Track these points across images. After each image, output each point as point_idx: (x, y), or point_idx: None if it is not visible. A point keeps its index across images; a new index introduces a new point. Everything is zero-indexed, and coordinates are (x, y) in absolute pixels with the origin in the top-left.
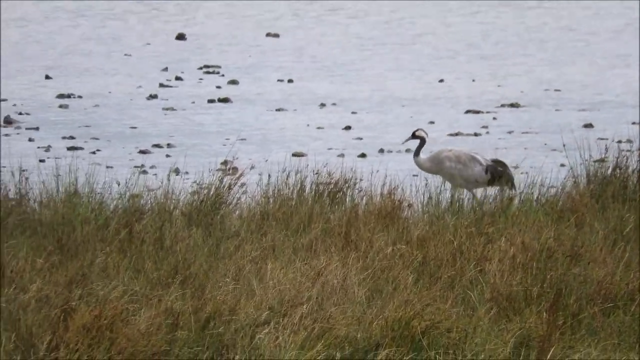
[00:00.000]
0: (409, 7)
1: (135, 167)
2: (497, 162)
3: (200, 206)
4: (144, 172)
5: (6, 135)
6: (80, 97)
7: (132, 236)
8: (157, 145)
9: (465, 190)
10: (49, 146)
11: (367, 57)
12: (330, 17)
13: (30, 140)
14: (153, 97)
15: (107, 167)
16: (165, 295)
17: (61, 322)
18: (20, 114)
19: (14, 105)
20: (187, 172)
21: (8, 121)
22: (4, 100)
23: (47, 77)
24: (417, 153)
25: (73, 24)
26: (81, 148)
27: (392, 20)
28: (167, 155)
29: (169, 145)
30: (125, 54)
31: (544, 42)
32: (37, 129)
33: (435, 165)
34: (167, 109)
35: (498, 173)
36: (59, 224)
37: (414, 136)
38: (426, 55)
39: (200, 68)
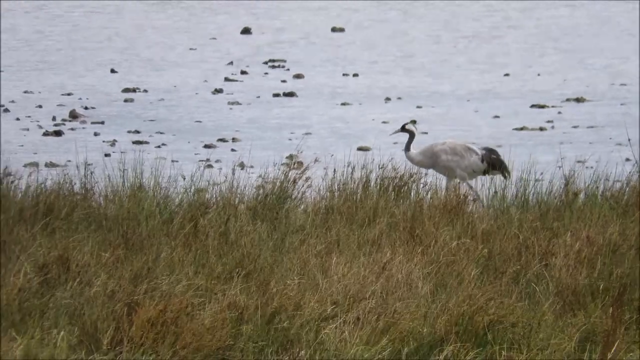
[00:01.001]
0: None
1: (201, 161)
2: (490, 150)
3: (265, 200)
4: (209, 166)
5: (72, 129)
6: (145, 91)
7: (197, 230)
8: (222, 140)
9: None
10: (115, 140)
11: (432, 52)
12: (395, 11)
13: (95, 134)
14: (218, 91)
15: (173, 161)
16: (230, 289)
17: (125, 316)
18: (86, 108)
19: (80, 99)
20: (252, 166)
21: (74, 115)
22: (70, 94)
23: (112, 71)
24: (407, 148)
25: (139, 18)
26: (146, 142)
27: (458, 14)
28: (232, 150)
29: (234, 140)
30: (191, 48)
31: (613, 37)
32: (102, 123)
33: (429, 159)
34: (232, 103)
35: (493, 161)
36: (124, 219)
37: (403, 129)
38: (492, 49)
39: (266, 62)
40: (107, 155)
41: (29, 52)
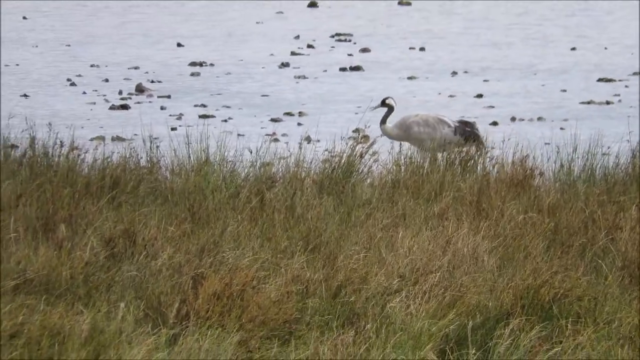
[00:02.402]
0: None
1: (267, 135)
2: (465, 123)
3: (332, 174)
4: (276, 140)
5: (138, 103)
6: (212, 65)
7: (263, 204)
8: (289, 114)
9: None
10: (181, 114)
11: (498, 26)
12: None
13: (162, 108)
14: (285, 65)
15: (239, 135)
16: (296, 263)
17: (191, 290)
18: (152, 82)
19: (146, 73)
20: (318, 140)
21: (140, 89)
22: (136, 68)
23: (178, 44)
24: (383, 121)
25: None
26: (213, 116)
27: None
28: (299, 124)
29: (300, 114)
30: (257, 22)
31: None
32: (168, 97)
33: (403, 132)
34: (298, 77)
35: (467, 133)
36: (191, 192)
37: (383, 104)
38: (557, 23)
39: (332, 36)
40: (173, 129)
41: (96, 25)
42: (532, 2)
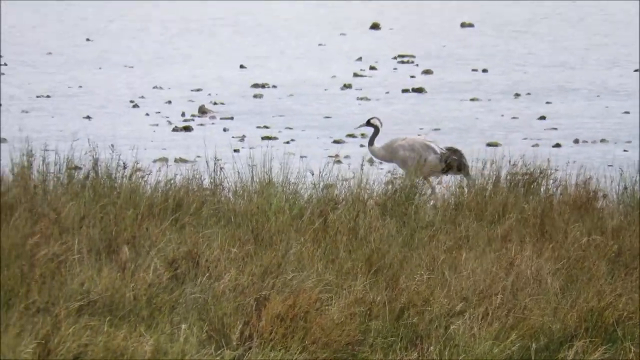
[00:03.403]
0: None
1: (330, 156)
2: (452, 151)
3: (395, 196)
4: (338, 161)
5: (201, 124)
6: (274, 86)
7: (326, 226)
8: (351, 135)
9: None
10: (244, 136)
11: (562, 48)
12: (521, 8)
13: (224, 130)
14: (347, 86)
15: (301, 156)
16: (359, 285)
17: (254, 311)
18: (215, 103)
19: (209, 95)
20: (381, 162)
21: (203, 111)
22: (199, 90)
23: (241, 66)
24: (371, 142)
25: (267, 14)
26: (275, 138)
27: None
28: (361, 145)
29: (363, 135)
30: (320, 44)
31: None
32: (231, 118)
33: (389, 154)
34: (361, 99)
35: (453, 161)
36: (254, 214)
37: (368, 124)
38: (623, 46)
39: (395, 58)
40: (236, 150)
41: (158, 48)
42: (592, 26)
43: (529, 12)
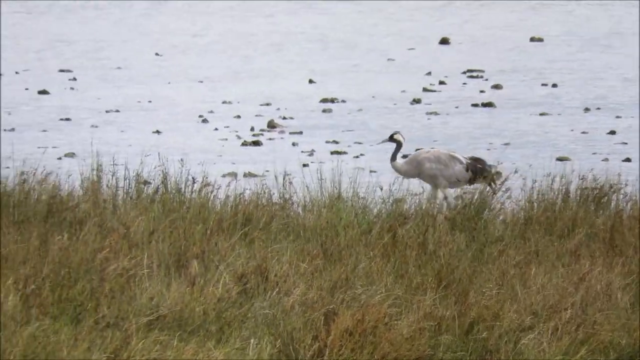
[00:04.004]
0: None
1: None
2: (476, 160)
3: (464, 211)
4: None
5: (270, 139)
6: (344, 101)
7: (395, 241)
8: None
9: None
10: (313, 150)
11: (631, 63)
12: (595, 22)
13: (294, 144)
14: (417, 101)
15: (371, 171)
16: (428, 299)
17: (323, 326)
18: (284, 118)
19: (278, 109)
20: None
21: (272, 125)
22: (268, 104)
23: (310, 81)
24: (393, 157)
25: (333, 28)
26: (345, 152)
27: None
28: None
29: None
30: (389, 59)
31: None
32: (300, 133)
33: (414, 168)
34: (430, 113)
35: (478, 170)
36: (323, 229)
37: (391, 139)
38: None
39: (464, 72)
40: (305, 165)
41: (228, 62)
42: None
43: (599, 27)
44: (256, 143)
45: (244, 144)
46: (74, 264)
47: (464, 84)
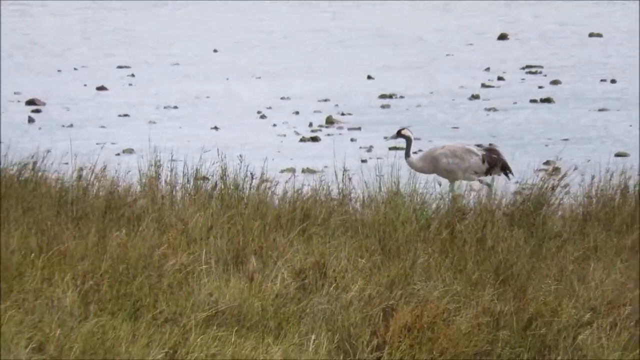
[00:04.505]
0: None
1: None
2: (491, 151)
3: (523, 206)
4: None
5: (328, 135)
6: (402, 97)
7: (453, 236)
8: (479, 146)
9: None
10: (371, 146)
11: None
12: None
13: (352, 140)
14: (475, 97)
15: None
16: (486, 295)
17: (382, 322)
18: (343, 114)
19: (336, 105)
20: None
21: (330, 121)
22: (326, 100)
23: (369, 77)
24: (407, 154)
25: (392, 25)
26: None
27: None
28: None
29: (490, 145)
30: (448, 54)
31: None
32: (359, 129)
33: (430, 164)
34: (489, 109)
35: (494, 161)
36: (381, 224)
37: (399, 134)
38: None
39: (523, 68)
40: (363, 161)
41: (286, 58)
42: None
43: None
44: (314, 139)
45: (303, 139)
46: (132, 260)
47: (523, 79)
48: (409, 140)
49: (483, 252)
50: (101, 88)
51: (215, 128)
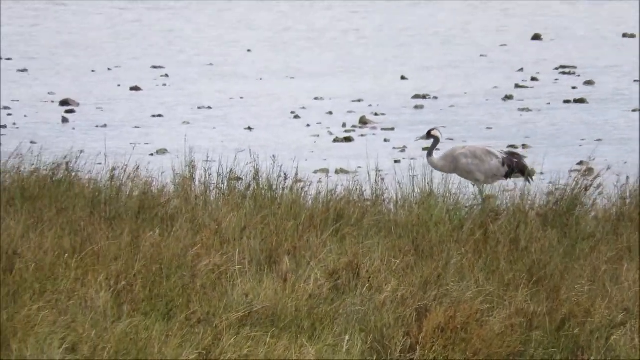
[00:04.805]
0: None
1: None
2: (512, 154)
3: (556, 207)
4: None
5: (362, 135)
6: (435, 97)
7: (486, 237)
8: (513, 146)
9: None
10: (405, 147)
11: None
12: None
13: (385, 140)
14: (509, 97)
15: None
16: (520, 296)
17: (415, 322)
18: (376, 114)
19: (370, 105)
20: (542, 173)
21: (364, 122)
22: (360, 100)
23: (402, 77)
24: (430, 153)
25: (426, 26)
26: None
27: None
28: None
29: (524, 146)
30: (481, 55)
31: None
32: (392, 129)
33: (450, 164)
34: (522, 110)
35: (514, 164)
36: (414, 225)
37: (429, 135)
38: None
39: (557, 68)
40: (397, 161)
41: (319, 58)
42: None
43: None
44: (348, 139)
45: (336, 140)
46: (165, 260)
47: (556, 80)
48: (436, 140)
49: (516, 253)
50: (135, 88)
51: (249, 128)
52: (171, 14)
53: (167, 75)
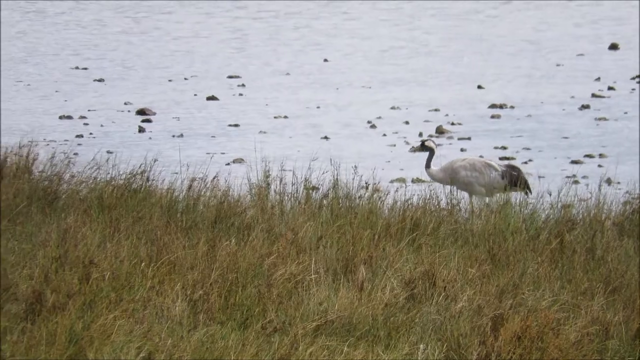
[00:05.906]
0: None
1: (567, 177)
2: (511, 167)
3: (633, 216)
4: (576, 182)
5: (438, 145)
6: (512, 107)
7: (563, 246)
8: (589, 155)
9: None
10: (481, 156)
11: None
12: None
13: (462, 150)
14: (585, 107)
15: (539, 177)
16: (596, 304)
17: (491, 331)
18: (453, 124)
19: (446, 115)
20: (618, 182)
21: (440, 131)
22: (437, 110)
23: (479, 87)
24: (428, 164)
25: (502, 36)
26: (513, 158)
27: None
28: (599, 165)
29: (600, 155)
30: (558, 64)
31: None
32: (469, 139)
33: (449, 176)
34: (599, 119)
35: (514, 178)
36: (490, 234)
37: (423, 146)
38: None
39: (634, 78)
40: None
41: (397, 68)
42: None
43: None
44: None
45: (413, 149)
46: (241, 269)
47: (633, 89)
48: (432, 152)
49: (592, 262)
50: (211, 98)
51: (326, 138)
52: (247, 23)
53: (243, 85)
